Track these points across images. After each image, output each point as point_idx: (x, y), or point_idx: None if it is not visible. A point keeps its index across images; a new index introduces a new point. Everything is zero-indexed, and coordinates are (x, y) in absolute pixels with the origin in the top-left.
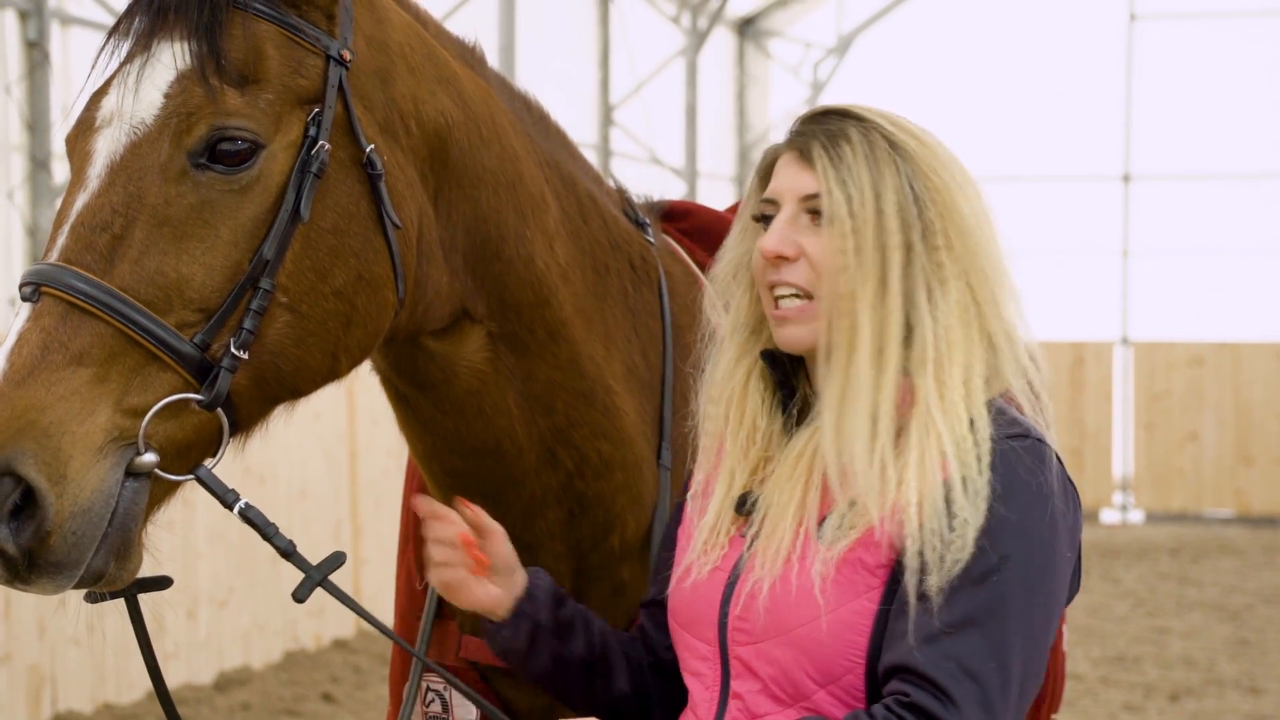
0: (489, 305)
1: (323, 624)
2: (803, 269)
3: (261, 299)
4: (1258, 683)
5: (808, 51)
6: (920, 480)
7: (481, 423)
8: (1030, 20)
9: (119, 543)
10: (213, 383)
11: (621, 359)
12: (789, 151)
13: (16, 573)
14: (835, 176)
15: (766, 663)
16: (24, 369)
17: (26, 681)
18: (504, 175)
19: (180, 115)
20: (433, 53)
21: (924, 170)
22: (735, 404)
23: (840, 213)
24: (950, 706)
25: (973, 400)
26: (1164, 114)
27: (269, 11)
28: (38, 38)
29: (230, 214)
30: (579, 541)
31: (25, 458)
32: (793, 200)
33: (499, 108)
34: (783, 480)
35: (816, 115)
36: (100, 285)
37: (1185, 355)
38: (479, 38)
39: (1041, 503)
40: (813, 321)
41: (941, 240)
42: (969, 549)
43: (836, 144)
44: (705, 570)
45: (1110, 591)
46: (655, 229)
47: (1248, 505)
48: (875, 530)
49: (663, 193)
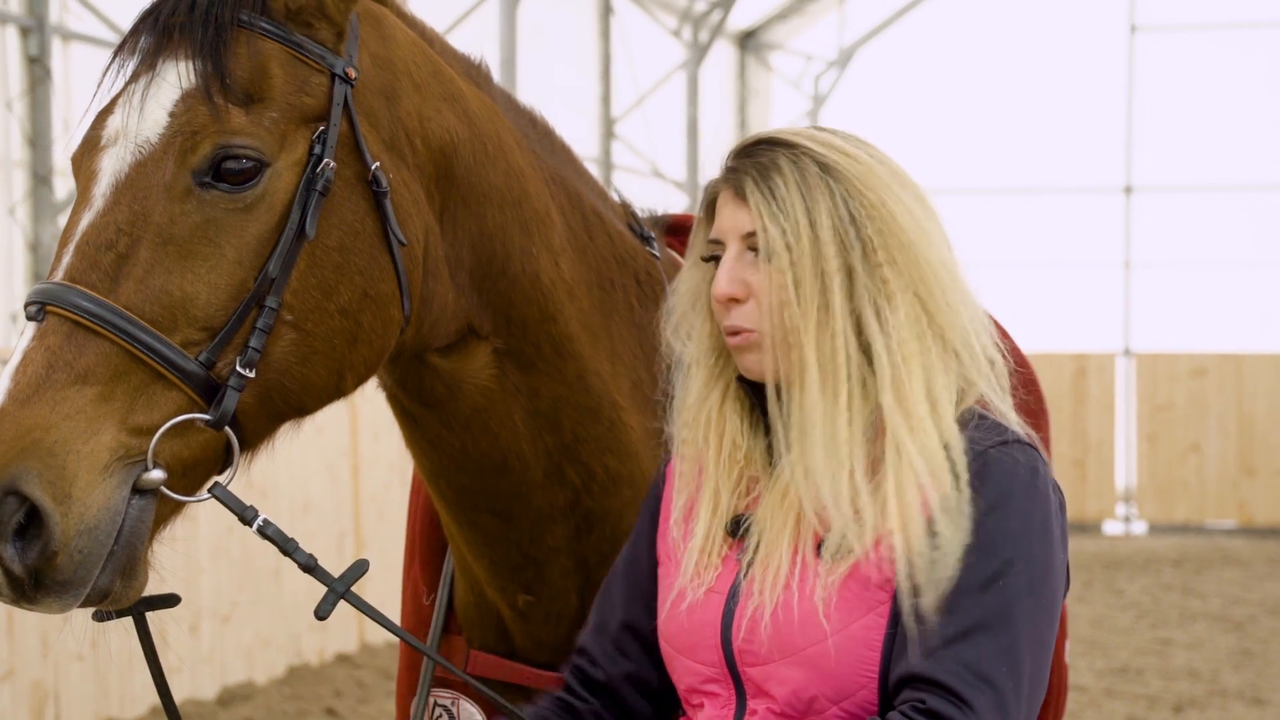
0: (495, 322)
1: (326, 639)
2: (751, 309)
3: (267, 317)
4: (1261, 694)
5: (809, 64)
6: (900, 506)
7: (488, 439)
8: (1031, 32)
9: (125, 561)
10: (219, 402)
11: (628, 375)
12: (725, 189)
13: (22, 592)
14: (768, 212)
15: (777, 683)
16: (29, 388)
17: (30, 697)
18: (509, 192)
19: (185, 134)
20: (438, 70)
21: (858, 188)
22: (713, 427)
23: (776, 247)
24: (967, 711)
25: (940, 415)
26: (1165, 126)
27: (274, 30)
28: (39, 54)
29: (235, 232)
30: (586, 556)
31: (30, 477)
32: (735, 239)
33: (504, 125)
34: (774, 508)
35: (747, 147)
36: (105, 304)
37: (1188, 366)
38: (482, 51)
39: (1037, 505)
40: (764, 350)
41: (883, 256)
42: (954, 566)
43: (768, 177)
44: (700, 592)
45: (1113, 603)
46: (660, 243)
47: (1251, 516)
48: (866, 559)
49: (664, 206)
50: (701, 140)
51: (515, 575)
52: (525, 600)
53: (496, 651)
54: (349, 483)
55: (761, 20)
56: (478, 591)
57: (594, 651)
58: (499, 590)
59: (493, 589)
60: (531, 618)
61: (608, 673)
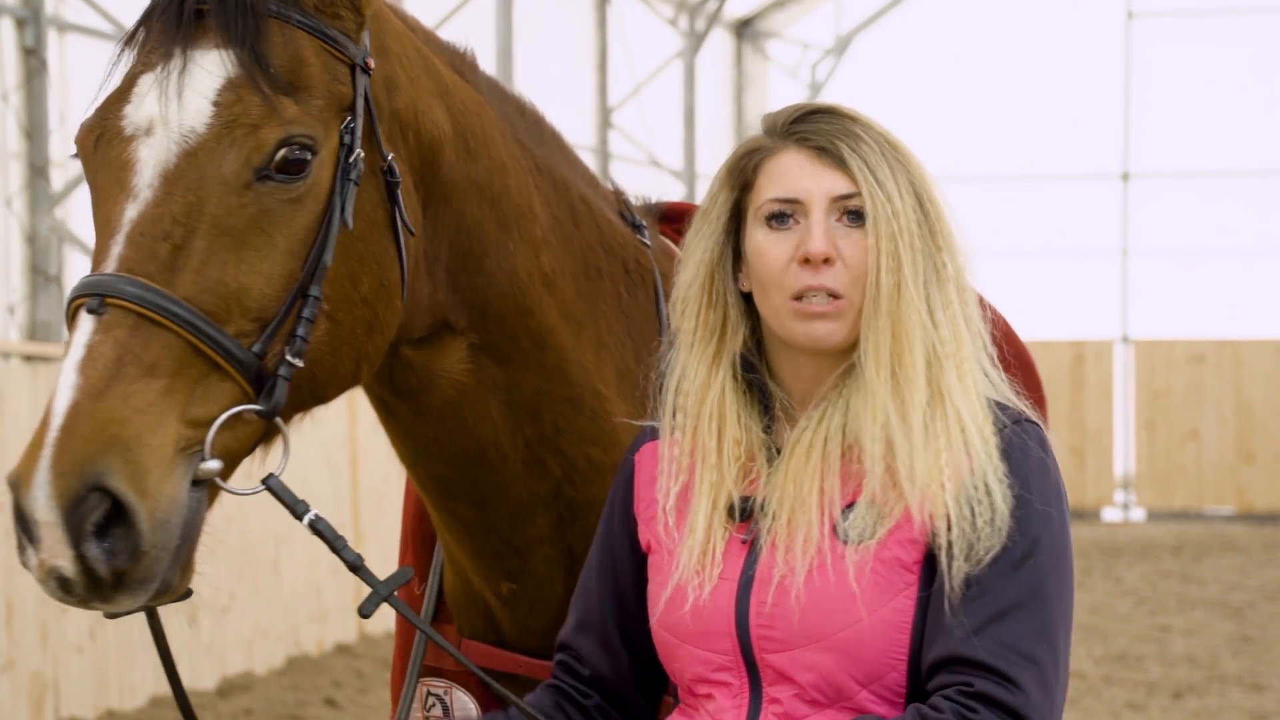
0: (470, 317)
1: (325, 629)
2: (840, 272)
3: (312, 307)
4: (1260, 679)
5: (806, 52)
6: (951, 469)
7: (462, 432)
8: (1028, 19)
9: (187, 554)
10: (270, 392)
11: (614, 363)
12: (800, 150)
13: (100, 592)
14: (874, 177)
15: (804, 668)
16: (101, 381)
17: (29, 689)
18: (490, 189)
19: (244, 125)
20: (429, 63)
21: (918, 171)
22: (714, 415)
23: (885, 212)
24: (1016, 691)
25: (980, 395)
26: (1162, 112)
27: (303, 19)
28: (35, 45)
29: (286, 223)
30: (571, 546)
31: (114, 472)
32: (823, 201)
33: (490, 118)
34: (796, 471)
35: (810, 114)
36: (169, 296)
37: (1185, 353)
38: (476, 42)
39: (1054, 483)
40: (844, 318)
41: (940, 240)
42: (1001, 539)
43: (857, 143)
44: (707, 591)
45: (1112, 590)
46: (652, 231)
47: (1249, 502)
48: (913, 520)
49: (661, 195)
50: (698, 129)
51: (498, 563)
52: (509, 588)
53: (486, 639)
54: (348, 474)
55: (758, 8)
56: (464, 579)
57: (580, 649)
58: (483, 578)
59: (477, 577)
60: (517, 606)
61: (597, 670)
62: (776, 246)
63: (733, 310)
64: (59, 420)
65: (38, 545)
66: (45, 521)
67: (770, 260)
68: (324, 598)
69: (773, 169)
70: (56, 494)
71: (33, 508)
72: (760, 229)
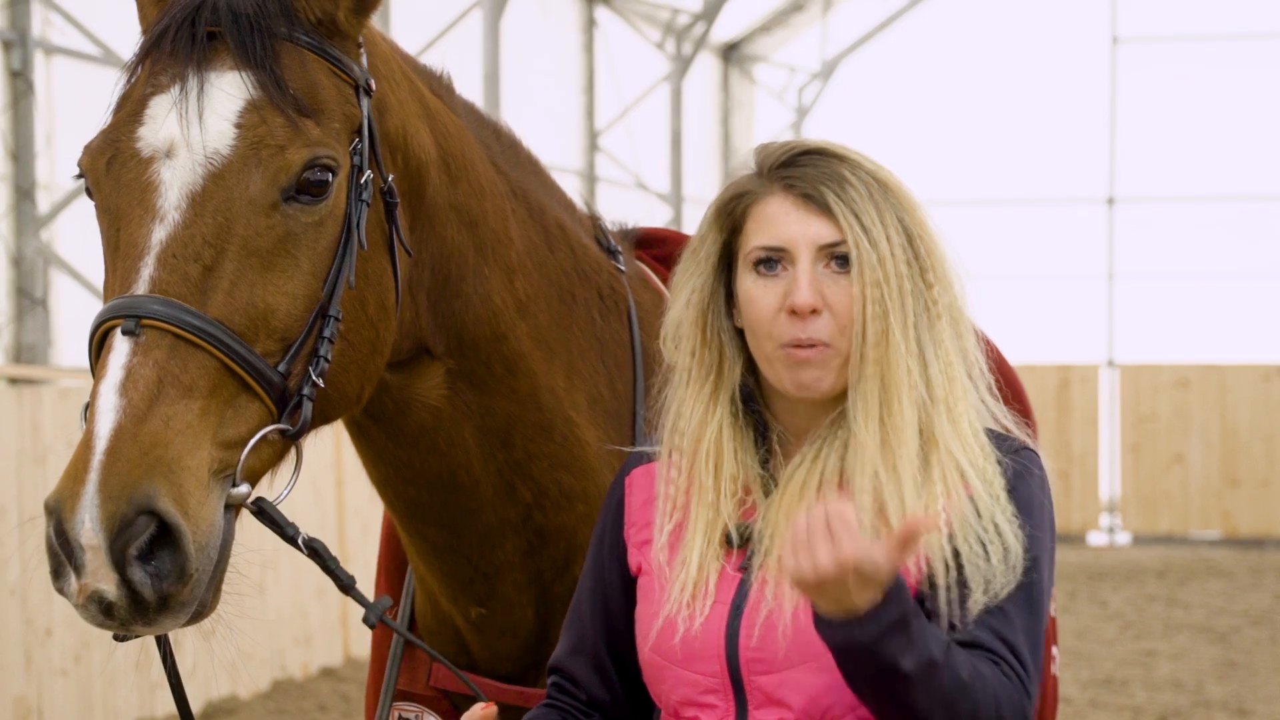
0: (447, 342)
1: (310, 653)
2: (827, 321)
3: (332, 327)
4: (1245, 704)
5: (792, 76)
6: (951, 514)
7: (435, 456)
8: (1013, 44)
9: (220, 576)
10: (294, 411)
11: (585, 390)
12: (785, 196)
13: (143, 615)
14: (859, 224)
15: (794, 690)
16: (143, 404)
17: (13, 713)
18: (469, 213)
19: (270, 147)
20: (414, 87)
21: (907, 206)
22: (711, 453)
23: (870, 260)
24: (1017, 663)
25: (978, 431)
26: (1147, 137)
27: (312, 42)
28: (21, 67)
29: (309, 243)
30: (541, 572)
31: (161, 495)
32: (809, 249)
33: (469, 142)
34: (789, 508)
35: (795, 156)
36: (204, 317)
37: (1171, 378)
38: (464, 65)
39: (1048, 508)
40: (832, 366)
41: (933, 276)
42: (1016, 576)
43: (844, 188)
44: (698, 623)
45: (1098, 614)
46: (628, 256)
47: (1234, 527)
48: (907, 567)
49: (648, 218)
50: (685, 152)
51: (466, 588)
52: (478, 613)
53: (456, 663)
54: (332, 495)
55: (745, 33)
56: (434, 603)
57: (575, 672)
58: (452, 601)
59: (446, 600)
60: (486, 630)
61: (593, 694)
62: (765, 295)
63: (728, 347)
64: (103, 444)
65: (80, 570)
66: (90, 546)
67: (760, 309)
68: (309, 621)
69: (760, 214)
70: (104, 518)
71: (78, 532)
72: (749, 275)
